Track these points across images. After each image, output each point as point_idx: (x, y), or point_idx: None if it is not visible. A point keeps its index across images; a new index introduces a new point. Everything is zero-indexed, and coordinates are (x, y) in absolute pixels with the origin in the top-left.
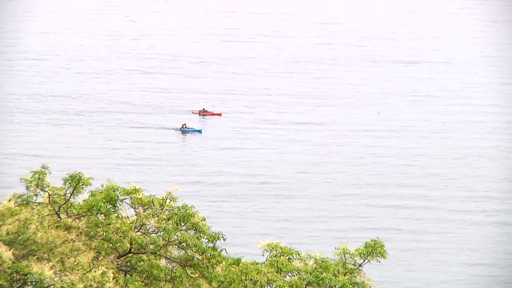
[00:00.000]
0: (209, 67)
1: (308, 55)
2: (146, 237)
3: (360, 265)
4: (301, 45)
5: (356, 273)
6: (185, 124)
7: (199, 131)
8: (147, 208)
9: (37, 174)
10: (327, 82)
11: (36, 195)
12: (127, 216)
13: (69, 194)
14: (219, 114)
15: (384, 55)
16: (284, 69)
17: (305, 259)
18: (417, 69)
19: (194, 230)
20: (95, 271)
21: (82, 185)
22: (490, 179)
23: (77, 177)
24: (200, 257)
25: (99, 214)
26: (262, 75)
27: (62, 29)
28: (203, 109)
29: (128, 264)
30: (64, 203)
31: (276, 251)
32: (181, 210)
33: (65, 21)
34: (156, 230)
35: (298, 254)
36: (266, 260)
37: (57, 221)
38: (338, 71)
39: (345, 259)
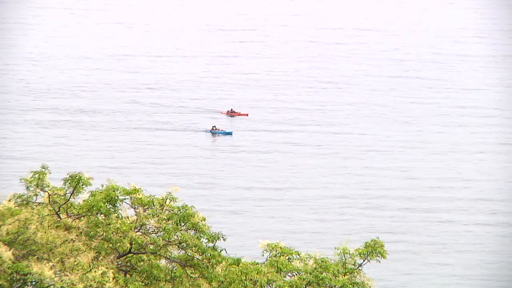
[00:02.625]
0: (237, 67)
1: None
2: (146, 237)
3: (360, 265)
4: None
5: (356, 273)
6: (215, 126)
7: (230, 133)
8: (147, 208)
9: (38, 174)
10: (342, 91)
11: (36, 195)
12: (127, 216)
13: (69, 194)
14: (246, 115)
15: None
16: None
17: (305, 259)
18: (417, 70)
19: (194, 230)
20: (95, 271)
21: (82, 185)
22: (492, 181)
23: (77, 177)
24: (200, 257)
25: (99, 214)
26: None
27: (71, 27)
28: (231, 109)
29: (128, 264)
30: (64, 203)
31: (276, 251)
32: (181, 210)
33: (72, 20)
34: (156, 230)
35: (298, 254)
36: (266, 260)
37: (57, 221)
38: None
39: (345, 259)
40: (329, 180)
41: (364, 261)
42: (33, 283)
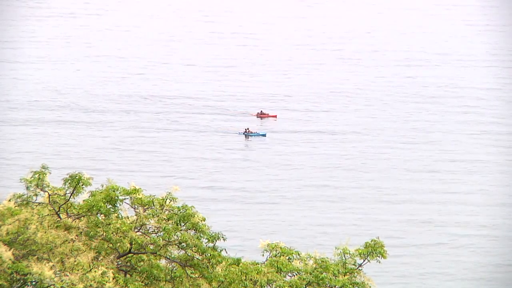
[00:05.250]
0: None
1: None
2: (146, 237)
3: (360, 265)
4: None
5: (356, 273)
6: (248, 129)
7: (263, 135)
8: (147, 208)
9: (38, 174)
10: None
11: (36, 195)
12: (127, 216)
13: (69, 194)
14: (275, 116)
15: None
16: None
17: (305, 259)
18: (417, 70)
19: (194, 230)
20: (95, 271)
21: (82, 185)
22: (493, 186)
23: (77, 177)
24: (200, 257)
25: (99, 214)
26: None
27: (74, 29)
28: (261, 111)
29: (128, 264)
30: (64, 203)
31: (276, 251)
32: (181, 210)
33: (76, 23)
34: (156, 230)
35: (298, 254)
36: (266, 260)
37: (57, 221)
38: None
39: (345, 259)
40: (330, 181)
41: (364, 261)
42: (33, 283)
